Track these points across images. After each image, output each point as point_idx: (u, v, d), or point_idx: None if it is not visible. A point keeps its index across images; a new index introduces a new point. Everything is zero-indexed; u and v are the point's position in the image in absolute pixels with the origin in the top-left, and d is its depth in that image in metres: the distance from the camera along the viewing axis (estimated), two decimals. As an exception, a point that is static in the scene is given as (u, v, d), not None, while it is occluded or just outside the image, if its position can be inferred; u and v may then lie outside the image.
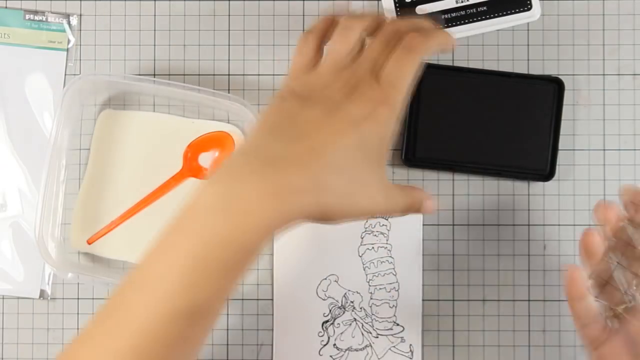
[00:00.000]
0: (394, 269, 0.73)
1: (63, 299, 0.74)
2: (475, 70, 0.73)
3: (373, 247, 0.73)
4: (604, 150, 0.74)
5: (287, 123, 0.56)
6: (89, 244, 0.73)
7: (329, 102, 0.56)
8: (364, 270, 0.73)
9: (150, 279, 0.53)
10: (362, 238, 0.73)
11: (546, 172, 0.72)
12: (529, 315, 0.73)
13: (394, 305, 0.73)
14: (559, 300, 0.73)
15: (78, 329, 0.73)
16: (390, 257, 0.73)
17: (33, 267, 0.74)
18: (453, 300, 0.73)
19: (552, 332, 0.73)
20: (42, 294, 0.74)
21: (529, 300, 0.73)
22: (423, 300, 0.73)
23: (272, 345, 0.73)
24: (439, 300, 0.73)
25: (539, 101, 0.72)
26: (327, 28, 0.60)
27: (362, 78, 0.57)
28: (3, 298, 0.74)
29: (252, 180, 0.52)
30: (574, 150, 0.73)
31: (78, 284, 0.73)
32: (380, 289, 0.73)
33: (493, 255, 0.73)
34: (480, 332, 0.73)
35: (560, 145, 0.72)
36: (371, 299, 0.73)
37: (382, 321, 0.73)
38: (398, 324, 0.73)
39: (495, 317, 0.73)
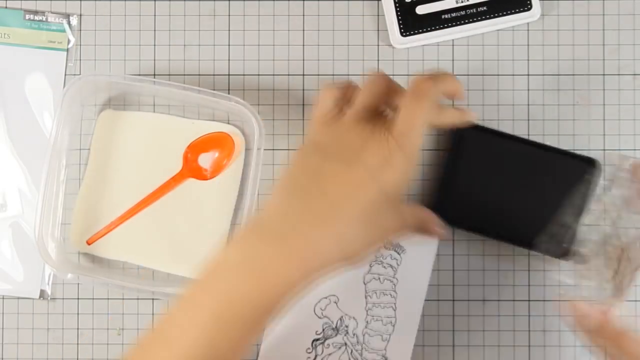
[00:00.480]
0: (394, 303, 0.72)
1: (63, 299, 0.74)
2: (517, 138, 0.72)
3: (379, 278, 0.72)
4: (604, 150, 0.74)
5: (308, 179, 0.57)
6: (89, 244, 0.73)
7: (347, 153, 0.58)
8: (366, 298, 0.72)
9: (173, 333, 0.56)
10: (370, 266, 0.73)
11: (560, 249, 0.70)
12: (529, 315, 0.73)
13: (386, 340, 0.72)
14: (559, 301, 0.73)
15: (78, 329, 0.73)
16: (394, 291, 0.72)
17: (33, 267, 0.73)
18: (453, 300, 0.73)
19: (552, 332, 0.73)
20: (42, 294, 0.74)
21: (529, 300, 0.73)
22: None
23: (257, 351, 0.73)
24: (438, 300, 0.73)
25: (571, 179, 0.71)
26: (348, 87, 0.62)
27: (377, 128, 0.59)
28: (3, 298, 0.74)
29: (275, 243, 0.55)
30: (574, 150, 0.73)
31: (78, 284, 0.73)
32: (377, 320, 0.72)
33: (493, 255, 0.73)
34: (480, 332, 0.73)
35: (560, 145, 0.72)
36: (366, 327, 0.72)
37: (372, 352, 0.72)
38: (386, 359, 0.72)
39: (495, 317, 0.73)
